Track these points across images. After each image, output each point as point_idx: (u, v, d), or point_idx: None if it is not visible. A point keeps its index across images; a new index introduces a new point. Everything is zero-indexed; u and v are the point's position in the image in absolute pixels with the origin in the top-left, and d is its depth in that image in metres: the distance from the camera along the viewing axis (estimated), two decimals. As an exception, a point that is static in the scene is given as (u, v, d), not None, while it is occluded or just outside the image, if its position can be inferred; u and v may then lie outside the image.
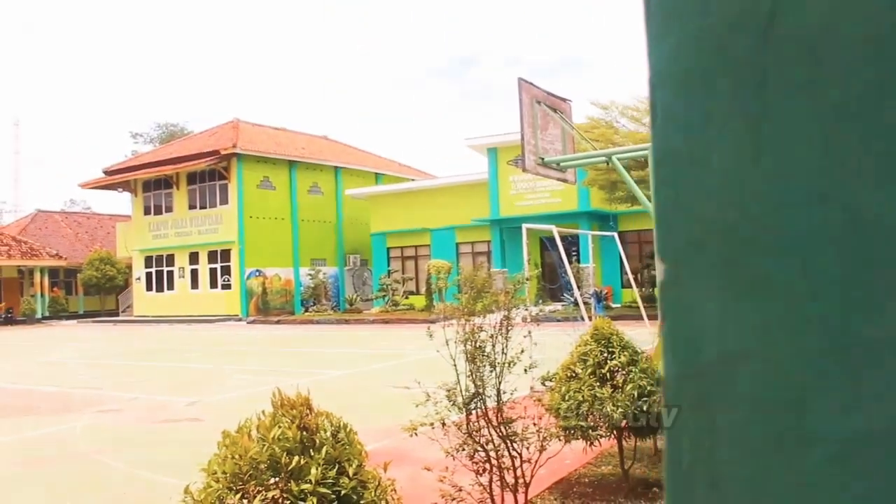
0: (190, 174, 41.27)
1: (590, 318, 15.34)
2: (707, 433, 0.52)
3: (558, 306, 24.39)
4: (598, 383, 5.76)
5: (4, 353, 25.01)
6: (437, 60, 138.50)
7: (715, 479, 0.52)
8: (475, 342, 4.88)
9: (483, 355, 4.90)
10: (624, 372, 5.83)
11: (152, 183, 43.18)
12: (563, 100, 16.24)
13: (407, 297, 36.94)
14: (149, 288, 43.42)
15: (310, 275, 40.96)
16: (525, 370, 5.15)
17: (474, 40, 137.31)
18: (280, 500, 2.85)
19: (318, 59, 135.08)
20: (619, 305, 29.80)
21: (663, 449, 0.56)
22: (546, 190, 32.46)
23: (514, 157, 30.98)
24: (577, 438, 5.81)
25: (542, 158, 14.75)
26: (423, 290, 36.54)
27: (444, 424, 4.85)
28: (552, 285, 22.86)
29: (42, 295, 48.63)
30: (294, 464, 2.91)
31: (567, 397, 5.76)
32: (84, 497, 7.29)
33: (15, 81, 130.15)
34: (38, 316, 47.49)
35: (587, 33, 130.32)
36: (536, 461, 5.04)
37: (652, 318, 16.77)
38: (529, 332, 5.27)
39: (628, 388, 5.68)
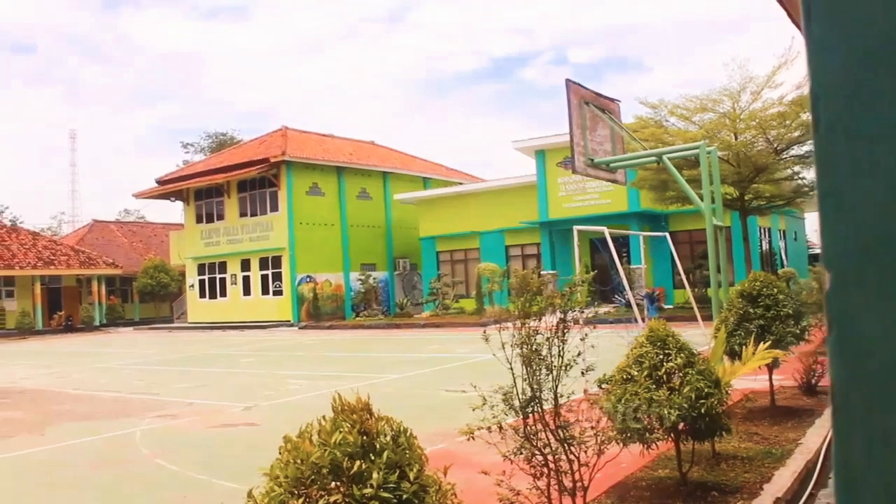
0: (240, 182, 41.81)
1: (643, 320, 15.20)
2: (880, 440, 0.51)
3: (610, 308, 24.21)
4: (654, 385, 5.69)
5: (66, 360, 25.60)
6: (481, 62, 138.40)
7: (890, 486, 0.51)
8: (531, 345, 4.87)
9: (539, 358, 4.88)
10: (680, 374, 5.75)
11: (204, 191, 43.85)
12: (612, 100, 16.14)
13: (457, 301, 36.95)
14: (202, 295, 44.08)
15: (360, 280, 41.20)
16: (582, 373, 5.12)
17: (520, 41, 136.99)
18: (342, 505, 2.86)
19: (360, 64, 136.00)
20: (671, 306, 29.47)
21: (832, 454, 0.56)
22: (595, 191, 32.25)
23: (563, 158, 30.88)
24: (634, 441, 5.75)
25: (592, 159, 14.67)
26: (472, 293, 36.54)
27: (500, 428, 4.84)
28: (604, 287, 22.69)
29: (99, 303, 49.70)
30: (355, 468, 2.92)
31: (623, 400, 5.71)
32: (145, 500, 7.43)
33: (72, 95, 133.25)
34: (97, 323, 48.54)
35: (634, 31, 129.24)
36: (594, 465, 5.01)
37: (706, 318, 16.53)
38: (585, 335, 5.24)
39: (685, 390, 5.61)
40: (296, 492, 2.95)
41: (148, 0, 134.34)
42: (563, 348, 4.93)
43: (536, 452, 4.87)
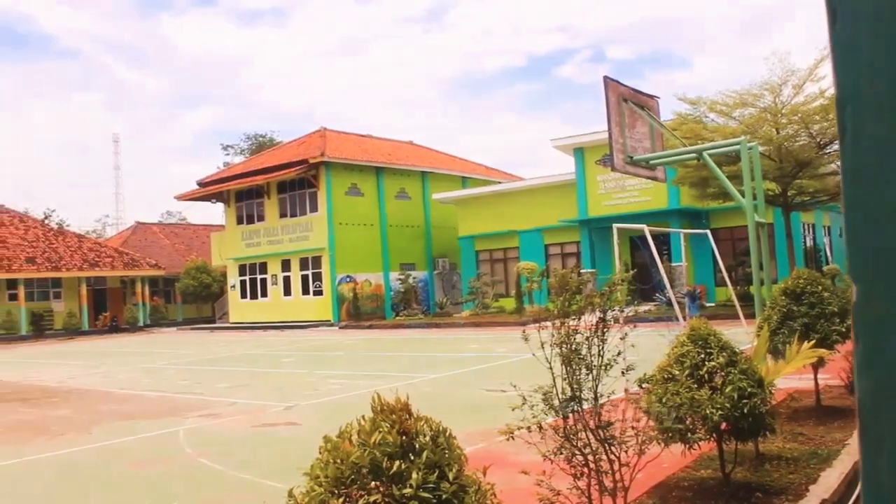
0: (280, 183, 42.18)
1: (684, 318, 15.05)
2: None
3: (651, 306, 24.03)
4: (695, 385, 5.63)
5: (111, 360, 26.04)
6: (519, 60, 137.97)
7: None
8: (571, 344, 4.84)
9: (579, 358, 4.85)
10: (723, 373, 5.68)
11: (244, 193, 44.31)
12: (651, 97, 15.99)
13: (497, 300, 36.92)
14: (243, 295, 44.55)
15: (400, 279, 41.34)
16: (622, 372, 5.08)
17: (558, 38, 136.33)
18: (382, 504, 2.87)
19: (398, 64, 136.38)
20: (713, 304, 29.15)
21: (859, 469, 0.55)
22: (635, 188, 32.01)
23: (602, 156, 30.68)
24: (675, 441, 5.70)
25: (631, 157, 14.55)
26: (512, 292, 36.48)
27: (540, 428, 4.82)
28: (644, 285, 22.52)
29: (143, 303, 50.50)
30: (395, 468, 2.93)
31: (664, 399, 5.66)
32: (189, 498, 7.53)
33: (114, 99, 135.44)
34: (141, 324, 49.32)
35: (673, 26, 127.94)
36: (635, 465, 4.97)
37: (748, 316, 16.32)
38: (625, 334, 5.20)
39: (728, 389, 5.54)
40: (336, 491, 2.96)
41: (188, 5, 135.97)
42: (602, 347, 4.89)
43: (577, 452, 4.84)
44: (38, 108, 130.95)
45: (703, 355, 5.81)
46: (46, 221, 54.93)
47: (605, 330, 4.90)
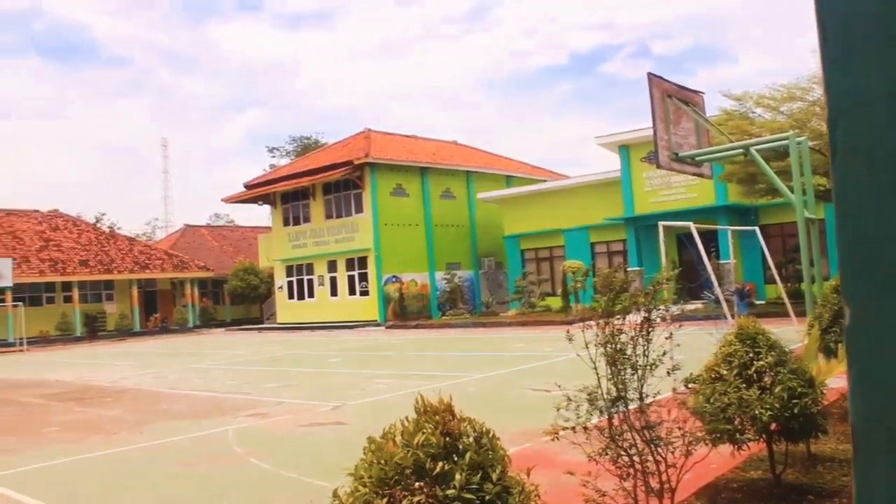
0: (325, 185, 42.50)
1: (733, 317, 14.84)
2: None
3: (699, 305, 23.73)
4: (744, 385, 5.55)
5: (162, 360, 26.51)
6: (562, 58, 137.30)
7: None
8: (615, 345, 4.80)
9: (624, 358, 4.81)
10: (772, 373, 5.59)
11: (290, 195, 44.74)
12: (696, 92, 15.81)
13: (543, 299, 36.78)
14: (290, 296, 44.98)
15: (445, 279, 41.42)
16: (668, 372, 5.02)
17: (601, 35, 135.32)
18: (425, 505, 2.88)
19: (441, 64, 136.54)
20: (762, 302, 28.71)
21: (853, 490, 0.54)
22: (681, 185, 31.65)
23: (647, 153, 30.37)
24: (724, 442, 5.62)
25: (676, 154, 14.40)
26: (558, 291, 36.32)
27: (585, 428, 4.79)
28: (691, 283, 22.24)
29: (192, 305, 51.30)
30: (438, 469, 2.93)
31: (712, 399, 5.59)
32: (237, 495, 7.63)
33: (163, 104, 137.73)
34: (190, 325, 50.12)
35: (718, 20, 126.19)
36: (682, 466, 4.91)
37: (799, 314, 16.03)
38: (671, 334, 5.14)
39: (777, 389, 5.45)
40: (380, 492, 2.98)
41: (234, 12, 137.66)
42: (647, 347, 4.84)
43: (622, 453, 4.80)
44: (89, 114, 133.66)
45: (751, 354, 5.73)
46: (98, 225, 56.21)
47: (650, 329, 4.85)
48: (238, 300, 52.39)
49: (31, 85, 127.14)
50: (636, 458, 4.81)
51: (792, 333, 11.99)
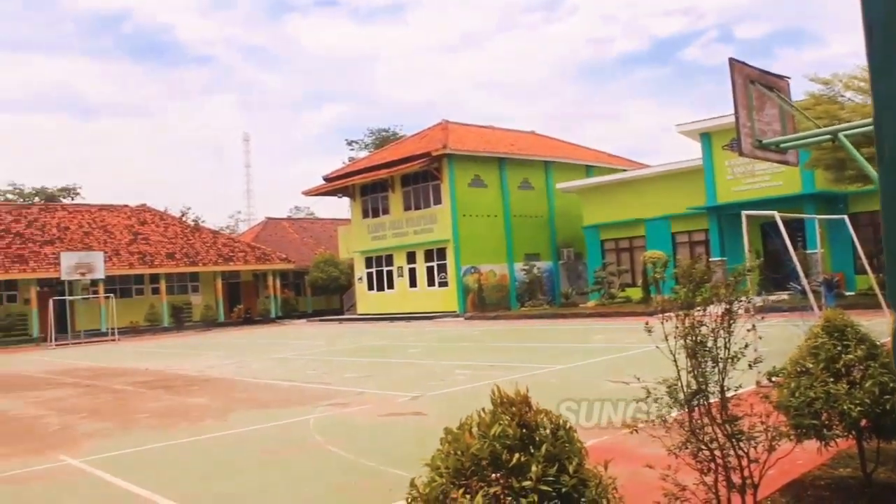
0: (404, 177, 42.79)
1: (820, 308, 14.40)
2: None
3: (784, 296, 23.10)
4: (831, 379, 5.37)
5: (245, 350, 27.14)
6: (642, 45, 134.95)
7: None
8: (696, 337, 4.70)
9: (705, 350, 4.71)
10: (861, 367, 5.39)
11: (369, 187, 45.21)
12: (780, 77, 15.33)
13: (623, 290, 36.34)
14: (370, 287, 45.48)
15: (524, 270, 41.28)
16: (750, 365, 4.89)
17: (682, 20, 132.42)
18: (501, 497, 2.87)
19: (518, 54, 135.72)
20: (853, 293, 27.75)
21: None
22: (766, 173, 30.82)
23: (730, 140, 29.65)
24: (810, 438, 5.45)
25: (760, 141, 13.99)
26: (639, 282, 35.83)
27: (665, 421, 4.71)
28: (776, 274, 21.64)
29: (275, 296, 52.36)
30: (514, 461, 2.93)
31: (797, 394, 5.42)
32: (319, 483, 7.77)
33: (245, 100, 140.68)
34: (272, 316, 51.18)
35: (802, 1, 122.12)
36: (765, 461, 4.78)
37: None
38: (753, 326, 5.01)
39: (867, 384, 5.25)
40: (456, 482, 2.99)
41: (311, 6, 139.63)
42: (729, 339, 4.72)
43: (703, 447, 4.71)
44: (174, 110, 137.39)
45: (839, 347, 5.54)
46: (184, 219, 57.78)
47: (731, 321, 4.73)
48: (319, 291, 53.20)
49: (121, 84, 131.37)
50: (717, 453, 4.70)
51: (883, 326, 11.55)
